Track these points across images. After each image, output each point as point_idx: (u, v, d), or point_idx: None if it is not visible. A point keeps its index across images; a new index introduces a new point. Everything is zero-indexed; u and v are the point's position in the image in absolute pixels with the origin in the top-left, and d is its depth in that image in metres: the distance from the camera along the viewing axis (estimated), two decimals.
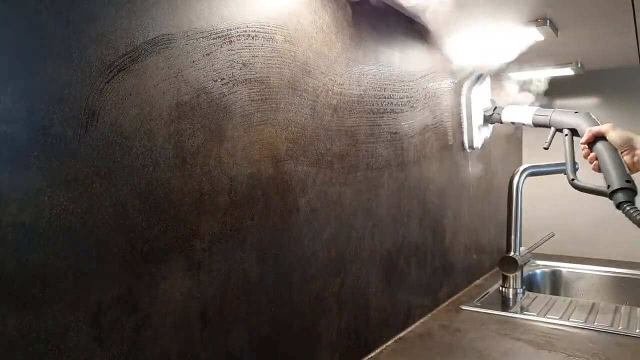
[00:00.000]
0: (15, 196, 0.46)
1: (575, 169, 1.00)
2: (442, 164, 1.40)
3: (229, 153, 0.70)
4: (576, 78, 1.93)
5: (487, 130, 1.52)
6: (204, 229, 0.66)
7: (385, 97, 1.10)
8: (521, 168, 1.50)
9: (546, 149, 1.08)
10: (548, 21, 1.21)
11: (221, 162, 0.69)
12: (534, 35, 1.29)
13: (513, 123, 1.34)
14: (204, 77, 0.66)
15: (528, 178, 1.48)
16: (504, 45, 1.40)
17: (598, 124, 0.98)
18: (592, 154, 0.92)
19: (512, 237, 1.51)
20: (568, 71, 1.80)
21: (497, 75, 1.80)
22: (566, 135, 1.05)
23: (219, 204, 0.68)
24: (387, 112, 1.11)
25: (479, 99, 1.46)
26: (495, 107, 1.43)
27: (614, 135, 0.90)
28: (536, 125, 1.20)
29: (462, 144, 1.51)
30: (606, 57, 1.74)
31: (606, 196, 0.86)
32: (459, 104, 1.49)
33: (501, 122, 1.39)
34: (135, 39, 0.57)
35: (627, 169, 0.86)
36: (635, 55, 1.67)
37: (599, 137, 0.93)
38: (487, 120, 1.43)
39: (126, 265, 0.56)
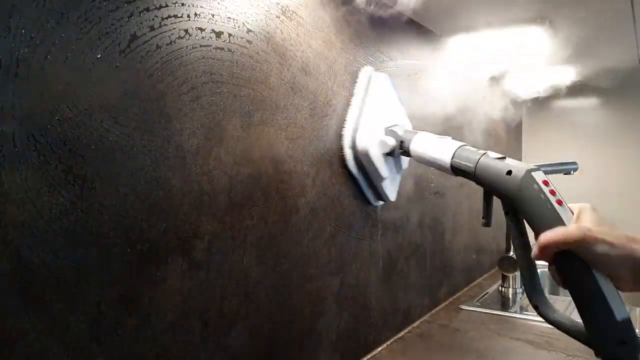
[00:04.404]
0: (16, 196, 0.46)
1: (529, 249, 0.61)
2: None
3: (229, 153, 0.70)
4: (576, 78, 1.93)
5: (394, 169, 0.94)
6: (204, 229, 0.66)
7: None
8: None
9: (487, 224, 0.73)
10: (548, 21, 1.21)
11: (221, 162, 0.69)
12: (534, 35, 1.29)
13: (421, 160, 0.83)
14: (204, 77, 0.66)
15: None
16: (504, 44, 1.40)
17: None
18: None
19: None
20: (568, 71, 1.80)
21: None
22: (507, 214, 0.64)
23: (219, 204, 0.68)
24: None
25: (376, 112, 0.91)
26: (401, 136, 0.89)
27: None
28: (457, 171, 0.76)
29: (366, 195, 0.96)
30: (606, 57, 1.74)
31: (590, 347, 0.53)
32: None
33: (408, 155, 0.87)
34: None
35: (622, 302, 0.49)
36: (635, 55, 1.67)
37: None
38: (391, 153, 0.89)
39: (126, 265, 0.56)
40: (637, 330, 0.47)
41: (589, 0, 1.13)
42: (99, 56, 0.53)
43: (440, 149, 0.76)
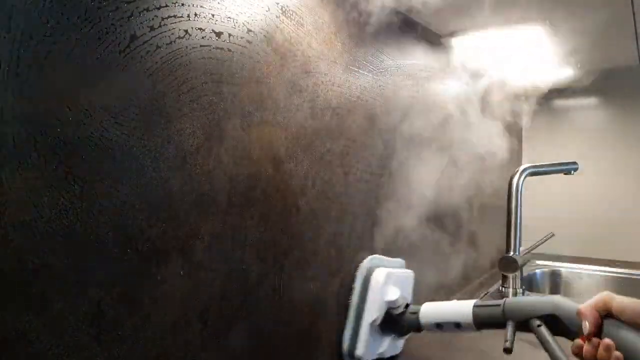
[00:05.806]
0: (16, 196, 0.46)
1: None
2: (440, 163, 1.40)
3: (229, 153, 0.70)
4: (576, 78, 1.93)
5: (389, 342, 0.97)
6: (204, 229, 0.66)
7: (385, 97, 1.10)
8: (521, 168, 1.51)
9: (508, 351, 0.77)
10: (547, 21, 1.21)
11: (221, 162, 0.69)
12: (534, 35, 1.29)
13: (439, 326, 0.86)
14: (204, 77, 0.66)
15: (528, 178, 1.48)
16: (504, 45, 1.40)
17: (577, 306, 0.69)
18: (605, 343, 0.63)
19: (512, 237, 1.51)
20: (568, 71, 1.80)
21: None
22: (539, 326, 0.75)
23: (219, 204, 0.68)
24: (387, 112, 1.11)
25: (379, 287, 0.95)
26: (408, 305, 0.93)
27: (622, 304, 0.61)
28: (479, 324, 0.82)
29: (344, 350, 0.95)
30: (606, 57, 1.74)
31: None
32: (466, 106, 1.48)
33: (419, 328, 0.89)
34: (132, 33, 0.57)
35: None
36: (635, 56, 1.67)
37: (606, 315, 0.64)
38: (396, 322, 0.92)
39: (126, 265, 0.56)
40: None
41: (589, 0, 1.13)
42: (99, 56, 0.53)
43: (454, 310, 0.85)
